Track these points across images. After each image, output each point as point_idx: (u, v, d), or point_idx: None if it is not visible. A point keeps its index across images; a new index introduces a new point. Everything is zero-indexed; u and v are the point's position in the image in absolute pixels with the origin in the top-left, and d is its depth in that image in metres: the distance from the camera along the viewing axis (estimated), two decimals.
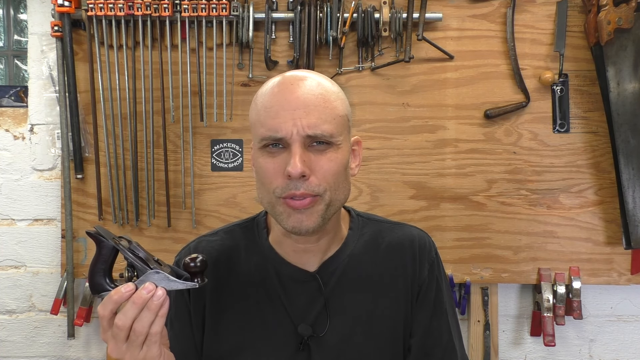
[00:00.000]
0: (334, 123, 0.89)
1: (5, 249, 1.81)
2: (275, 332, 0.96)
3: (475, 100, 1.72)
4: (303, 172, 0.85)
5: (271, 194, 0.89)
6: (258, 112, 0.90)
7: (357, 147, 1.00)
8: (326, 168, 0.88)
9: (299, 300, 0.97)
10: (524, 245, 1.73)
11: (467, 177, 1.73)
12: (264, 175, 0.89)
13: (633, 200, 1.65)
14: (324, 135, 0.87)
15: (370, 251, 1.01)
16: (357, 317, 0.97)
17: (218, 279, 0.99)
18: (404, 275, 1.00)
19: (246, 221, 1.06)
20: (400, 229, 1.05)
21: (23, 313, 1.83)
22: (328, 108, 0.88)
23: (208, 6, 1.64)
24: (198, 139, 1.74)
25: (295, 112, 0.86)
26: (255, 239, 1.02)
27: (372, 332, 0.97)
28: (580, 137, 1.73)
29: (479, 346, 1.77)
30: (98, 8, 1.64)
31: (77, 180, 1.73)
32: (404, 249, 1.02)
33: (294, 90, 0.88)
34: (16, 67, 2.05)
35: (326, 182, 0.88)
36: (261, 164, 0.90)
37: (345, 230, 1.02)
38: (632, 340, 1.81)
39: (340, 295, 0.97)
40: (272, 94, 0.89)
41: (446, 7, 1.72)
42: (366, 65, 1.72)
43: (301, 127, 0.86)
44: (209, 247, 1.02)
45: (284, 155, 0.87)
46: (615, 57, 1.64)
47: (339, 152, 0.90)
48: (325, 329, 0.95)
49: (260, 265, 0.99)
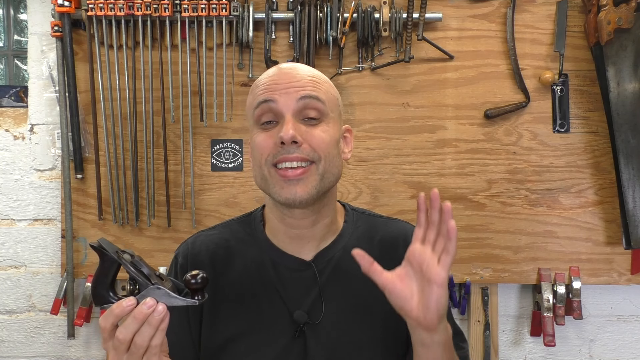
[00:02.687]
0: (326, 96, 0.94)
1: (5, 249, 1.81)
2: (271, 320, 0.98)
3: (475, 100, 1.72)
4: (294, 137, 0.88)
5: (263, 166, 0.92)
6: (254, 94, 0.96)
7: (349, 135, 1.03)
8: (319, 138, 0.91)
9: (295, 288, 0.98)
10: (524, 245, 1.73)
11: (467, 177, 1.73)
12: (257, 148, 0.93)
13: (633, 200, 1.65)
14: (318, 98, 0.92)
15: (364, 244, 1.01)
16: (352, 306, 0.98)
17: (216, 271, 1.01)
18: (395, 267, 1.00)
19: (243, 216, 1.09)
20: (393, 224, 1.07)
21: (23, 313, 1.83)
22: (320, 84, 0.95)
23: (208, 6, 1.64)
24: (198, 139, 1.74)
25: (289, 83, 0.92)
26: (252, 231, 1.04)
27: (366, 322, 0.98)
28: (580, 137, 1.73)
29: (479, 346, 1.77)
30: (98, 8, 1.64)
31: (77, 180, 1.73)
32: (397, 243, 1.02)
33: (289, 72, 0.94)
34: (16, 67, 2.05)
35: (320, 150, 0.91)
36: (255, 139, 0.94)
37: (341, 222, 1.04)
38: (632, 340, 1.81)
39: (335, 285, 0.98)
40: (268, 78, 0.95)
41: (446, 7, 1.72)
42: (366, 65, 1.72)
43: (294, 92, 0.91)
44: (207, 241, 1.05)
45: (277, 129, 0.91)
46: (615, 57, 1.64)
47: (331, 127, 0.94)
48: (321, 317, 0.96)
49: (256, 256, 1.01)
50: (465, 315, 1.80)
